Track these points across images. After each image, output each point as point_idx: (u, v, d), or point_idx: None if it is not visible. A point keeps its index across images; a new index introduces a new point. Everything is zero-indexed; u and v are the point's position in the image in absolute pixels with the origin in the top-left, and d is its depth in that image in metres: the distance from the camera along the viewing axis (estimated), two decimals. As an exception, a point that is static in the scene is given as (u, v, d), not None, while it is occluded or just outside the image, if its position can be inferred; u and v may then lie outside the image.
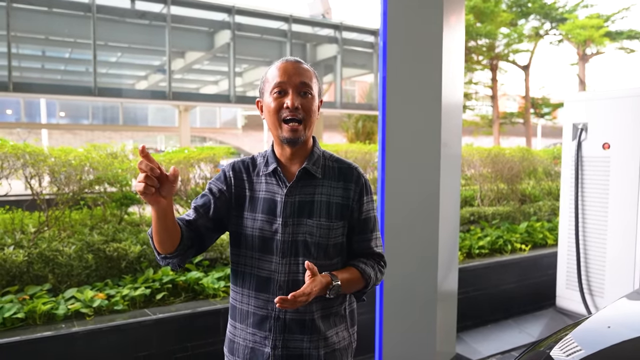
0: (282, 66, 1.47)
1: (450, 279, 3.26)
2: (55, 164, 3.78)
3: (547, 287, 4.67)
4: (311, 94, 1.47)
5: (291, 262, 1.47)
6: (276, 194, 1.50)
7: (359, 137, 21.78)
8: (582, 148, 4.23)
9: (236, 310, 1.56)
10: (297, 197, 1.49)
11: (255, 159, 1.59)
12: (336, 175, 1.54)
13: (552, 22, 20.69)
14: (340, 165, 1.57)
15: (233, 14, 15.19)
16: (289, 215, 1.47)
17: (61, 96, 16.28)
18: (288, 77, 1.45)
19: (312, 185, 1.51)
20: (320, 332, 1.51)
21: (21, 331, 2.69)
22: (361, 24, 17.99)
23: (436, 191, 3.00)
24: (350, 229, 1.55)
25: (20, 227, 3.87)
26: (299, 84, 1.45)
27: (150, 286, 3.28)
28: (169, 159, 4.50)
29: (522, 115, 21.96)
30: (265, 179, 1.53)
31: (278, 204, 1.49)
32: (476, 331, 4.15)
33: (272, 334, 1.48)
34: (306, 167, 1.50)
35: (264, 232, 1.49)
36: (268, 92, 1.48)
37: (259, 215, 1.50)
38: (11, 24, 12.28)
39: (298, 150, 1.51)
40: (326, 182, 1.52)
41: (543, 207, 6.35)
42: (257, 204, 1.51)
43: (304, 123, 1.45)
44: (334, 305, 1.55)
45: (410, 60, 2.96)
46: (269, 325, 1.48)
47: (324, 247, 1.49)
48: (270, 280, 1.48)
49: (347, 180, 1.53)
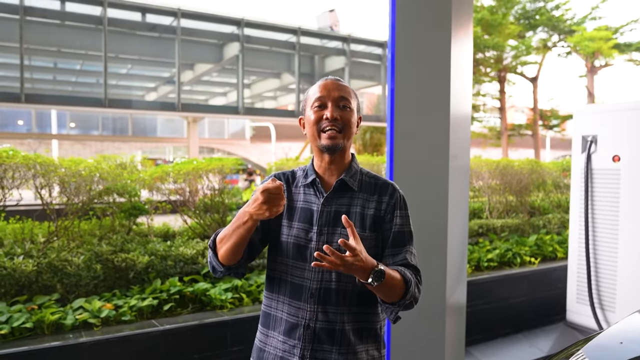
0: (322, 83, 1.56)
1: (459, 291, 3.23)
2: (65, 174, 3.81)
3: (557, 301, 4.62)
4: (349, 107, 1.55)
5: (324, 271, 1.48)
6: (313, 204, 1.55)
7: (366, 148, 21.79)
8: (592, 160, 4.20)
9: (269, 317, 1.56)
10: (334, 207, 1.53)
11: (295, 172, 1.66)
12: (372, 189, 1.57)
13: (560, 34, 20.69)
14: (376, 181, 1.61)
15: (242, 26, 15.33)
16: (324, 224, 1.51)
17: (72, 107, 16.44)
18: (327, 91, 1.54)
19: (348, 197, 1.55)
20: (350, 344, 1.48)
21: (29, 341, 2.69)
22: (369, 36, 18.07)
23: (445, 203, 2.98)
24: (384, 241, 1.54)
25: (30, 237, 3.90)
26: (337, 97, 1.53)
27: (157, 297, 3.28)
28: (178, 170, 4.52)
29: (531, 127, 21.89)
30: (303, 190, 1.59)
31: (314, 213, 1.53)
32: (485, 345, 4.10)
33: (301, 342, 1.47)
34: (343, 179, 1.54)
35: (299, 239, 1.52)
36: (309, 107, 1.56)
37: (296, 223, 1.54)
38: (24, 36, 12.46)
39: (336, 162, 1.56)
40: (362, 194, 1.56)
41: (552, 219, 6.30)
42: (295, 213, 1.56)
43: (343, 132, 1.53)
44: (367, 319, 1.53)
45: (419, 72, 2.96)
46: (299, 334, 1.48)
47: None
48: (302, 287, 1.50)
49: (381, 194, 1.56)
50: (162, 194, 4.68)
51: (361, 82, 19.83)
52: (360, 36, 17.84)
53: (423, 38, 2.98)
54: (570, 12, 20.13)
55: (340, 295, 1.47)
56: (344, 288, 1.48)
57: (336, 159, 1.55)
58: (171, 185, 4.76)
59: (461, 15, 3.05)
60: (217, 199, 4.68)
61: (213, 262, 1.51)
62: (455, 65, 3.01)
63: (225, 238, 1.45)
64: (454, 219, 3.06)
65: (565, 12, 20.10)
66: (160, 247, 3.84)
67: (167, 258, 3.70)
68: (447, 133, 2.98)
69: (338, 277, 1.47)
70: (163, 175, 4.69)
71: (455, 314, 3.19)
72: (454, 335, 3.21)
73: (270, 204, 1.32)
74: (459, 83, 3.07)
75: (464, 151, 3.21)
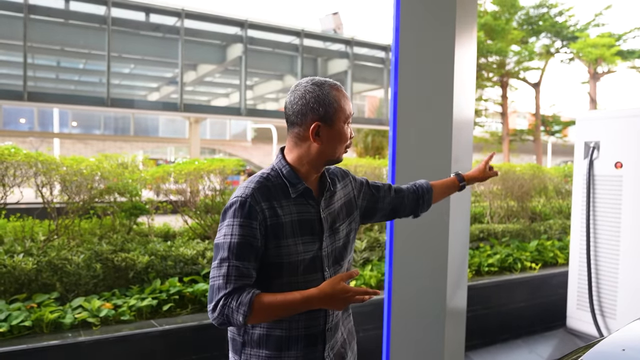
0: (347, 97, 1.56)
1: (459, 296, 3.22)
2: (66, 173, 3.81)
3: (558, 307, 4.60)
4: None
5: (336, 271, 1.57)
6: (310, 213, 1.51)
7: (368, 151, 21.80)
8: (594, 167, 4.19)
9: (282, 339, 1.47)
10: (329, 209, 1.57)
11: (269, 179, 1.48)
12: (337, 179, 1.66)
13: (563, 41, 20.72)
14: (333, 171, 1.68)
15: (245, 27, 15.34)
16: (328, 229, 1.55)
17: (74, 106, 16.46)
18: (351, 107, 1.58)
19: (332, 195, 1.61)
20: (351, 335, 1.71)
21: (28, 339, 2.69)
22: (372, 40, 18.09)
23: (446, 207, 2.98)
24: (373, 203, 1.77)
25: (30, 235, 3.89)
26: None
27: (157, 297, 3.27)
28: (180, 170, 4.51)
29: (532, 132, 21.90)
30: (294, 201, 1.48)
31: (316, 222, 1.51)
32: (484, 350, 4.09)
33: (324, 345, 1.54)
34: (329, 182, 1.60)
35: (309, 252, 1.48)
36: (342, 120, 1.51)
37: (298, 239, 1.46)
38: (28, 34, 12.48)
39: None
40: (337, 187, 1.64)
41: (554, 225, 6.28)
42: (293, 229, 1.46)
43: None
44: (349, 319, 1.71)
45: (422, 76, 2.96)
46: (322, 338, 1.53)
47: (351, 242, 1.66)
48: None
49: (343, 178, 1.70)
50: (163, 193, 4.68)
51: (364, 85, 19.84)
52: (364, 39, 17.85)
53: (427, 42, 2.98)
54: (573, 18, 20.18)
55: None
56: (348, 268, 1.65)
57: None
58: (172, 185, 4.76)
59: (465, 19, 3.05)
60: (218, 199, 4.68)
61: (238, 321, 1.33)
62: (458, 70, 3.00)
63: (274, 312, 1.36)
64: (455, 223, 3.05)
65: (569, 19, 20.13)
66: (161, 247, 3.83)
67: (167, 258, 3.69)
68: (450, 137, 2.97)
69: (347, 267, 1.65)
70: (164, 175, 4.69)
71: (455, 318, 3.18)
72: (454, 339, 3.19)
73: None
74: (462, 87, 3.06)
75: (466, 155, 3.20)
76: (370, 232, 5.01)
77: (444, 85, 2.97)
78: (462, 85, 3.06)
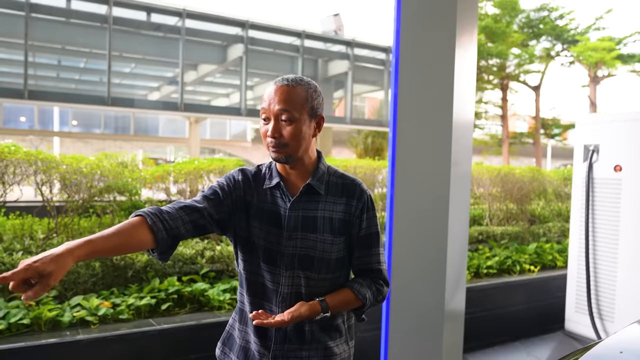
0: (269, 91, 1.48)
1: (458, 298, 3.22)
2: (66, 171, 3.81)
3: (556, 310, 4.60)
4: (294, 118, 1.44)
5: (294, 275, 1.50)
6: (280, 207, 1.52)
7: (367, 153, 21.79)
8: (594, 170, 4.20)
9: (243, 313, 1.60)
10: (301, 212, 1.51)
11: (260, 169, 1.60)
12: (339, 191, 1.55)
13: (563, 44, 20.75)
14: (344, 181, 1.57)
15: (247, 28, 15.36)
16: (292, 230, 1.50)
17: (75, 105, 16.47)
18: (269, 104, 1.46)
19: (315, 200, 1.52)
20: (321, 342, 1.54)
21: (26, 337, 2.69)
22: (373, 41, 18.11)
23: (445, 209, 2.98)
24: (351, 244, 1.57)
25: (30, 233, 3.89)
26: (278, 112, 1.44)
27: (155, 296, 3.27)
28: (179, 170, 4.52)
29: (532, 135, 21.92)
30: (270, 191, 1.55)
31: (282, 218, 1.51)
32: (482, 352, 4.09)
33: (272, 343, 1.52)
34: (310, 184, 1.51)
35: (271, 244, 1.50)
36: (260, 115, 1.51)
37: (265, 226, 1.51)
38: (29, 33, 12.49)
39: (297, 167, 1.52)
40: (329, 198, 1.54)
41: (553, 228, 6.29)
42: (264, 215, 1.52)
43: (288, 148, 1.44)
44: (335, 319, 1.58)
45: (422, 78, 2.96)
46: (270, 335, 1.52)
47: (326, 261, 1.51)
48: (273, 291, 1.51)
49: (349, 196, 1.54)
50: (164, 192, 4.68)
51: (364, 87, 19.86)
52: (364, 41, 17.88)
53: (427, 44, 2.98)
54: (574, 22, 20.21)
55: (309, 298, 1.50)
56: (312, 291, 1.52)
57: (296, 165, 1.51)
58: (172, 185, 4.76)
59: (466, 21, 3.06)
60: (217, 199, 4.67)
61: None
62: (458, 72, 3.01)
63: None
64: (454, 225, 3.06)
65: (570, 22, 20.16)
66: (160, 246, 3.83)
67: (166, 257, 3.69)
68: (450, 139, 2.98)
69: (307, 283, 1.51)
70: (164, 175, 4.69)
71: (453, 320, 3.18)
72: (452, 341, 3.20)
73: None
74: (462, 90, 3.07)
75: (465, 158, 3.20)
76: (370, 234, 5.01)
77: (444, 88, 2.98)
78: (462, 88, 3.07)
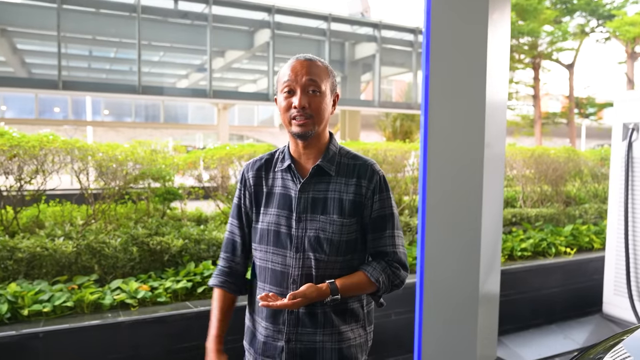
0: (292, 65, 1.49)
1: (492, 280, 3.19)
2: (102, 159, 3.90)
3: (593, 293, 4.51)
4: (320, 91, 1.48)
5: (304, 257, 1.50)
6: (290, 190, 1.54)
7: (396, 136, 21.62)
8: (633, 149, 4.07)
9: (254, 303, 1.63)
10: (311, 193, 1.52)
11: (274, 155, 1.64)
12: (350, 172, 1.54)
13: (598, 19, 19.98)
14: (355, 162, 1.57)
15: (273, 13, 15.31)
16: (302, 211, 1.51)
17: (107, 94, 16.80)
18: (295, 76, 1.47)
19: (325, 182, 1.53)
20: (334, 326, 1.53)
21: (70, 319, 2.79)
22: (400, 23, 17.82)
23: (479, 192, 2.94)
24: (364, 226, 1.56)
25: (69, 220, 4.02)
26: (306, 83, 1.47)
27: (191, 279, 3.34)
28: (212, 155, 4.58)
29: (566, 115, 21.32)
30: (281, 175, 1.57)
31: (293, 200, 1.52)
32: (517, 335, 4.05)
33: (285, 327, 1.52)
34: (320, 164, 1.52)
35: (280, 226, 1.53)
36: (279, 91, 1.52)
37: (274, 210, 1.54)
38: (61, 24, 12.74)
39: (311, 146, 1.54)
40: (340, 179, 1.54)
41: (589, 209, 6.14)
42: (273, 199, 1.56)
43: (313, 119, 1.48)
44: (349, 302, 1.56)
45: (454, 58, 2.91)
46: (282, 319, 1.53)
47: (336, 243, 1.51)
48: (284, 274, 1.52)
49: (360, 177, 1.53)
50: (196, 178, 4.76)
51: (392, 69, 19.61)
52: (392, 22, 17.60)
53: (459, 23, 2.91)
54: (610, -4, 19.42)
55: (320, 280, 1.49)
56: (323, 274, 1.51)
57: (311, 143, 1.53)
58: (203, 171, 4.83)
59: (499, -2, 2.97)
60: (248, 184, 4.72)
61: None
62: (491, 51, 2.93)
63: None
64: (488, 207, 3.01)
65: (605, -4, 19.39)
66: (194, 231, 3.90)
67: (201, 242, 3.76)
68: (483, 120, 2.92)
69: (317, 265, 1.50)
70: (196, 161, 4.76)
71: (488, 302, 3.15)
72: (487, 324, 3.17)
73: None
74: (495, 69, 3.00)
75: (499, 139, 3.14)
76: (401, 217, 4.99)
77: (477, 67, 2.92)
78: (495, 67, 3.00)
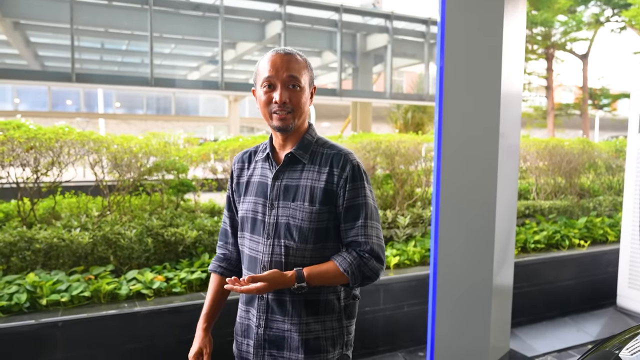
0: (271, 59, 1.49)
1: (506, 272, 3.19)
2: (117, 151, 3.94)
3: (607, 286, 4.49)
4: (299, 86, 1.50)
5: (275, 244, 1.53)
6: (267, 178, 1.58)
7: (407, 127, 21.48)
8: (650, 141, 4.02)
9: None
10: (284, 181, 1.55)
11: (259, 147, 1.69)
12: (324, 161, 1.54)
13: (614, 9, 19.63)
14: (330, 152, 1.56)
15: (284, 4, 15.25)
16: (274, 198, 1.55)
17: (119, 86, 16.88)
18: (276, 71, 1.48)
19: (299, 170, 1.55)
20: (302, 316, 1.52)
21: (87, 309, 2.83)
22: (412, 13, 17.66)
23: (493, 183, 2.93)
24: (337, 216, 1.55)
25: (85, 211, 4.06)
26: (286, 78, 1.48)
27: (205, 270, 3.37)
28: (225, 147, 4.60)
29: (579, 106, 21.05)
30: (260, 164, 1.63)
31: (267, 187, 1.57)
32: (531, 327, 4.05)
33: (257, 312, 1.56)
34: (292, 152, 1.55)
35: (256, 213, 1.58)
36: (259, 85, 1.52)
37: (252, 197, 1.60)
38: (74, 17, 12.80)
39: (290, 137, 1.57)
40: (313, 167, 1.54)
41: (603, 202, 6.08)
42: (251, 188, 1.62)
43: (294, 113, 1.50)
44: (322, 292, 1.55)
45: (469, 48, 2.88)
46: (255, 304, 1.57)
47: (305, 230, 1.51)
48: (256, 260, 1.56)
49: (333, 166, 1.53)
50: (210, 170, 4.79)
51: (404, 60, 19.48)
52: (403, 13, 17.46)
53: (474, 13, 2.89)
54: (626, -16, 19.08)
55: (290, 268, 1.50)
56: (294, 261, 1.51)
57: (293, 134, 1.57)
58: (216, 163, 4.85)
59: (515, -12, 2.94)
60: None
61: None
62: (507, 42, 2.91)
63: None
64: (502, 199, 3.00)
65: (621, -15, 19.05)
66: (208, 222, 3.93)
67: (215, 233, 3.79)
68: (498, 112, 2.90)
69: (287, 251, 1.51)
70: (209, 153, 4.78)
71: (501, 294, 3.15)
72: (500, 316, 3.17)
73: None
74: (510, 60, 2.98)
75: (514, 130, 3.13)
76: (413, 209, 4.98)
77: (492, 58, 2.90)
78: (510, 58, 2.97)
